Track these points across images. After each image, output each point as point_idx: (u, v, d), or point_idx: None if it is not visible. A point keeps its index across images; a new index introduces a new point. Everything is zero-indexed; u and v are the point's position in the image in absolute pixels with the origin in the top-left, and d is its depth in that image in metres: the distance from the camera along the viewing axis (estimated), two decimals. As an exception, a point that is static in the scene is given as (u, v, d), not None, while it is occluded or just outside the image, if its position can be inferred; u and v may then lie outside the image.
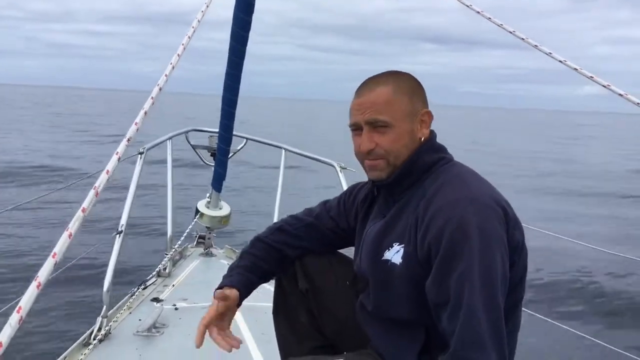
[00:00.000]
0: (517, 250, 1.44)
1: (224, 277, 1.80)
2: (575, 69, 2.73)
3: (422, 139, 1.57)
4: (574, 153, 30.92)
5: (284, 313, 1.90)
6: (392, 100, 1.54)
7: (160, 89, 2.22)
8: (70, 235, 1.56)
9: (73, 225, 1.59)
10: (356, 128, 1.58)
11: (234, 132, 3.87)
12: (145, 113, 2.08)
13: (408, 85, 1.58)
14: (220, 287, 1.75)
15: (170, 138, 4.15)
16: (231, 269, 1.82)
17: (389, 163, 1.55)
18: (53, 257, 1.48)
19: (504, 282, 1.37)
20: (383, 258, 1.54)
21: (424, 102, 1.60)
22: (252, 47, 3.21)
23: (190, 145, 4.45)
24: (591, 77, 2.69)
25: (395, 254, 1.51)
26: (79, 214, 1.64)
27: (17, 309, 1.35)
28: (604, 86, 2.66)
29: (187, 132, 4.45)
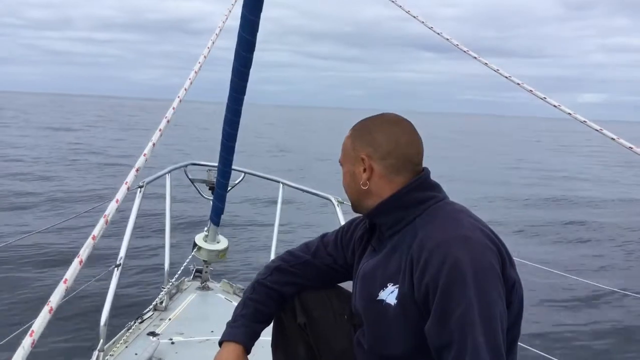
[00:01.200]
0: (513, 290, 1.45)
1: (228, 324, 1.84)
2: (518, 84, 2.91)
3: (361, 183, 1.62)
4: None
5: (282, 347, 1.91)
6: (345, 142, 1.71)
7: (168, 122, 2.29)
8: (81, 262, 1.61)
9: (84, 252, 1.64)
10: None
11: (234, 167, 3.90)
12: (154, 144, 2.14)
13: (359, 128, 1.68)
14: (226, 339, 1.80)
15: (169, 172, 4.18)
16: (235, 318, 1.85)
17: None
18: (64, 282, 1.53)
19: (502, 319, 1.38)
20: (377, 298, 1.55)
21: (369, 146, 1.62)
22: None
23: (189, 179, 4.48)
24: (530, 90, 2.87)
25: (389, 295, 1.52)
26: (89, 242, 1.69)
27: (29, 332, 1.39)
28: (541, 98, 2.84)
29: (185, 166, 4.48)
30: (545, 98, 2.81)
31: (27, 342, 1.36)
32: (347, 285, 1.88)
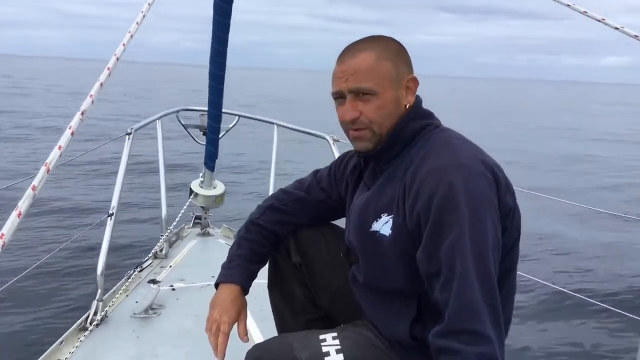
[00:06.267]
0: (509, 215, 1.40)
1: (224, 266, 1.80)
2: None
3: (407, 106, 1.51)
4: None
5: (278, 287, 1.89)
6: (376, 66, 1.47)
7: (117, 59, 2.09)
8: (19, 214, 1.47)
9: (23, 204, 1.49)
10: (339, 96, 1.51)
11: (226, 110, 3.82)
12: (101, 85, 1.96)
13: (392, 50, 1.51)
14: (222, 281, 1.75)
15: (159, 118, 4.10)
16: (231, 258, 1.80)
17: (374, 133, 1.49)
18: (0, 238, 1.39)
19: (496, 248, 1.33)
20: (371, 229, 1.50)
21: (409, 67, 1.54)
22: (260, 16, 3.07)
23: (181, 124, 4.40)
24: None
25: (384, 225, 1.46)
26: (28, 192, 1.52)
27: None
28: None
29: (177, 111, 4.40)
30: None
31: None
32: (342, 223, 1.83)
